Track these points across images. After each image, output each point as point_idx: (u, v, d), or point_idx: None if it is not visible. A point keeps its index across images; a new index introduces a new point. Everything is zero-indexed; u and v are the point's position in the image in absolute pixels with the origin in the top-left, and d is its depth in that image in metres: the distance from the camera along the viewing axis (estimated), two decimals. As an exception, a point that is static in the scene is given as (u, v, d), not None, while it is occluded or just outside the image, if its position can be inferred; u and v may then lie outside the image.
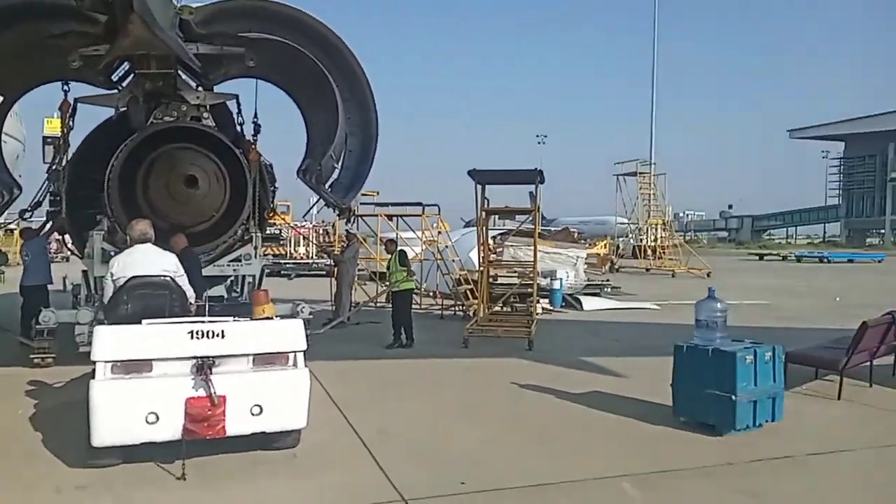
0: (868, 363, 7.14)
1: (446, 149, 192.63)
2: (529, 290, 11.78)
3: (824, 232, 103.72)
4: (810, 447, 5.12)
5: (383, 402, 6.65)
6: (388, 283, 10.73)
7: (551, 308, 14.40)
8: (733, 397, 5.23)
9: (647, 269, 29.81)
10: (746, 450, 5.01)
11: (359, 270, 13.71)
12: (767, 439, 5.25)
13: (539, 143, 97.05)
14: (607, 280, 19.25)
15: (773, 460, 4.84)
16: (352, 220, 11.77)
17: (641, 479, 4.46)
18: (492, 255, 13.49)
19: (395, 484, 4.33)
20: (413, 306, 10.73)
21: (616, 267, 29.80)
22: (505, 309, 12.82)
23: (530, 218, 11.87)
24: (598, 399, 6.59)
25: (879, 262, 43.84)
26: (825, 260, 44.56)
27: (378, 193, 15.43)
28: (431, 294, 14.93)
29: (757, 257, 50.98)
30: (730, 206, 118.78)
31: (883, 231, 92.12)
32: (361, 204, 14.35)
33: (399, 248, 10.66)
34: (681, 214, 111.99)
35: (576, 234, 27.61)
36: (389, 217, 14.88)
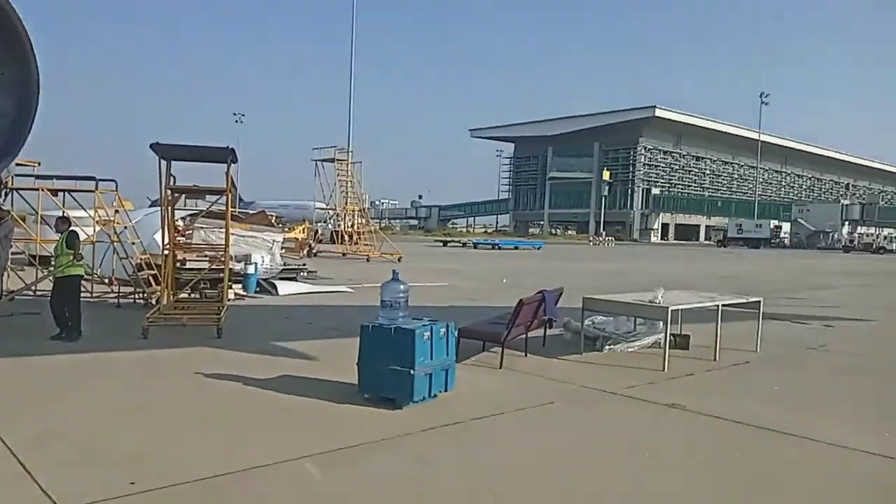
0: (524, 335, 8.20)
1: (138, 121, 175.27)
2: (221, 275, 11.26)
3: (497, 222, 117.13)
4: (475, 412, 5.69)
5: (40, 403, 5.80)
6: (51, 267, 9.37)
7: (245, 294, 13.98)
8: (412, 371, 5.60)
9: (344, 254, 30.64)
10: (422, 420, 5.39)
11: (13, 254, 11.75)
12: (440, 408, 5.73)
13: (237, 121, 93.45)
14: (304, 264, 19.34)
15: (444, 427, 5.29)
16: (4, 194, 10.04)
17: (325, 458, 4.54)
18: (180, 238, 12.62)
19: (50, 493, 3.79)
20: (83, 294, 9.55)
21: (314, 252, 30.09)
22: (193, 295, 12.10)
23: (223, 198, 11.29)
24: (287, 383, 6.55)
25: (538, 249, 50.99)
26: (496, 247, 50.53)
27: (39, 164, 13.30)
28: (106, 281, 13.46)
29: (442, 244, 55.65)
30: (420, 197, 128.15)
31: (542, 222, 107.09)
32: (17, 175, 12.29)
33: (71, 228, 9.34)
34: (377, 202, 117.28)
35: (273, 218, 27.18)
36: (54, 192, 12.94)
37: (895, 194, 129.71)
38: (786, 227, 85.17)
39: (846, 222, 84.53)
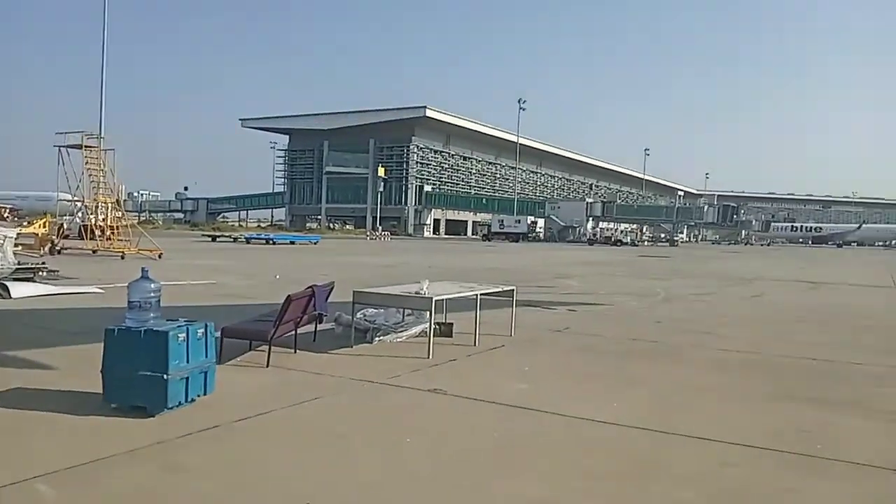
0: (293, 332, 8.07)
1: None
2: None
3: (272, 216, 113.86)
4: (238, 414, 5.47)
5: None
6: None
7: (-33, 297, 12.08)
8: (165, 376, 5.23)
9: (95, 251, 27.71)
10: (178, 426, 5.07)
11: None
12: (199, 413, 5.43)
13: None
14: (43, 263, 17.18)
15: (202, 432, 5.02)
16: None
17: (61, 476, 4.07)
18: None
19: None
20: None
21: (58, 248, 26.90)
22: None
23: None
24: (19, 396, 5.79)
25: (315, 243, 50.49)
26: (271, 241, 49.08)
27: None
28: None
29: (210, 239, 52.80)
30: (185, 188, 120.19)
31: (320, 217, 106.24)
32: None
33: None
34: (135, 194, 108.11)
35: (6, 211, 23.85)
36: None
37: (630, 193, 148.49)
38: (541, 222, 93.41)
39: (590, 218, 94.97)
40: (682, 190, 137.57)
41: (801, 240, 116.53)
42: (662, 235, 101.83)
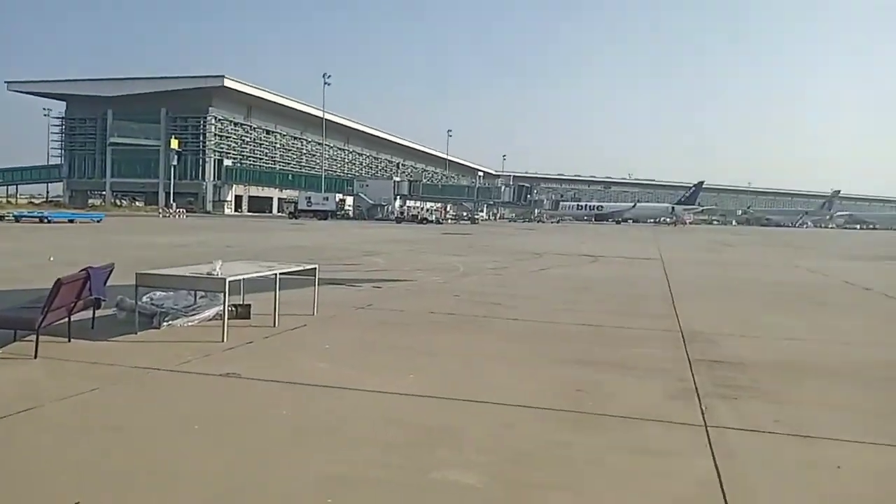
0: (67, 319, 7.31)
1: None
2: None
3: (48, 191, 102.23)
4: (-3, 412, 4.88)
5: None
6: None
7: None
8: None
9: None
10: (-83, 432, 4.40)
11: None
12: (-54, 414, 4.76)
13: None
14: None
15: (-51, 436, 4.41)
16: None
17: None
18: None
19: None
20: None
21: None
22: None
23: None
24: None
25: (99, 221, 46.23)
26: (45, 220, 44.18)
27: None
28: None
29: (-31, 217, 46.36)
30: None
31: (104, 192, 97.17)
32: None
33: None
34: None
35: None
36: None
37: (434, 173, 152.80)
38: (350, 200, 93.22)
39: (398, 196, 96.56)
40: (482, 171, 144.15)
41: (585, 217, 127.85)
42: (465, 214, 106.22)
